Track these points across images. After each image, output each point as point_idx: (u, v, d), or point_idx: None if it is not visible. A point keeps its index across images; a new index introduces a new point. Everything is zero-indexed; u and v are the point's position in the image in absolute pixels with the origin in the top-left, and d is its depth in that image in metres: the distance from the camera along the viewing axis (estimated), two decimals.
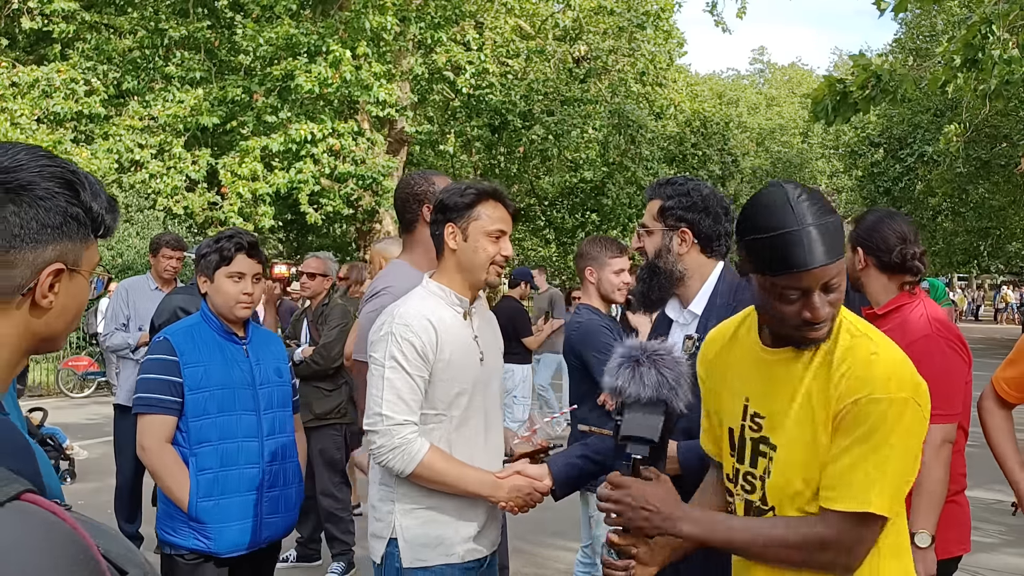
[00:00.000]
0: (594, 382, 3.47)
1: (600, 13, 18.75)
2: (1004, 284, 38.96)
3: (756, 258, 1.64)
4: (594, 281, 3.66)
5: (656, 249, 2.39)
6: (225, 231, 3.03)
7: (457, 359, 2.42)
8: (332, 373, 5.28)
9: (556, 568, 5.50)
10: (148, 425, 2.84)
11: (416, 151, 18.84)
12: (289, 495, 3.04)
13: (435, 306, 2.45)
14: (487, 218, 2.44)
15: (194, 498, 2.81)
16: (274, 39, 14.07)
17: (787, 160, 35.49)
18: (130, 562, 0.93)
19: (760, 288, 1.68)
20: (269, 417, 2.98)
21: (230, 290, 2.91)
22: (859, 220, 2.90)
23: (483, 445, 2.50)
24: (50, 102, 14.06)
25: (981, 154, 22.98)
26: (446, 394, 2.41)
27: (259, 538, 2.94)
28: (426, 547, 2.41)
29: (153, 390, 2.84)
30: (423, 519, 2.42)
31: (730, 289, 2.37)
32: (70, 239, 1.14)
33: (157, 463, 2.83)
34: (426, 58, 16.15)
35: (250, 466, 2.91)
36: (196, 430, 2.83)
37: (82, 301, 1.22)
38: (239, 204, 14.35)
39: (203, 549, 2.84)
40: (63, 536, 0.85)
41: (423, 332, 2.38)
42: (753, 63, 57.68)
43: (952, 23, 19.15)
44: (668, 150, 22.64)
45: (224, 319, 2.96)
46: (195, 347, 2.89)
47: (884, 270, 2.78)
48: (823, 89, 7.22)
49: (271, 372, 3.03)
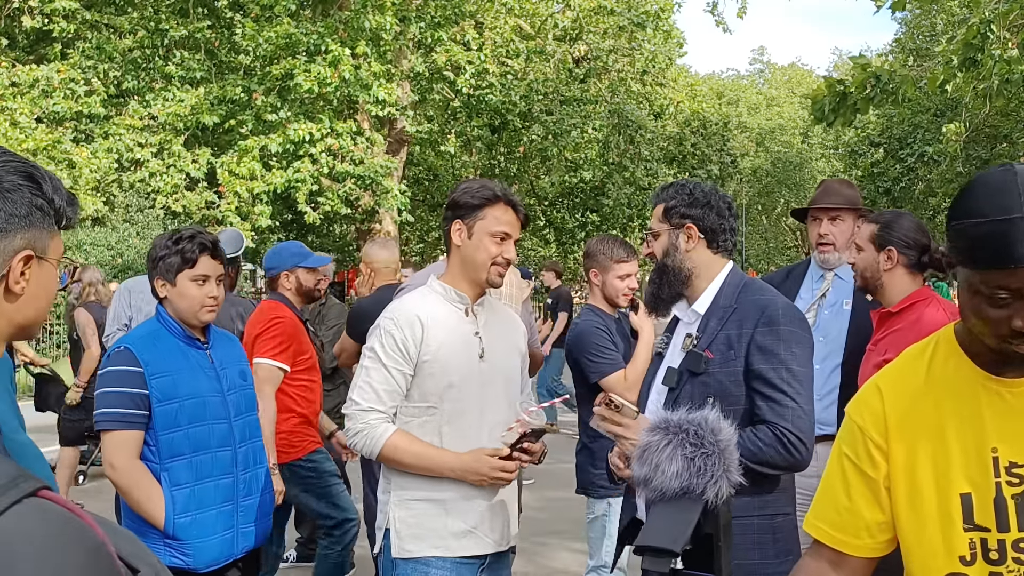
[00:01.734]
0: (590, 385, 3.47)
1: (600, 13, 18.76)
2: None
3: (964, 247, 1.38)
4: (599, 283, 3.66)
5: (664, 249, 2.41)
6: (183, 230, 2.83)
7: (447, 353, 2.46)
8: (330, 373, 5.27)
9: (556, 568, 5.49)
10: (115, 441, 2.65)
11: (416, 151, 18.86)
12: (264, 501, 2.94)
13: (431, 302, 2.52)
14: (493, 219, 2.49)
15: (170, 515, 2.65)
16: (273, 39, 14.09)
17: (787, 160, 35.49)
18: (141, 560, 0.93)
19: (965, 285, 1.40)
20: (240, 423, 2.85)
21: (195, 294, 2.74)
22: (885, 221, 2.89)
23: (482, 441, 2.49)
24: (50, 102, 14.07)
25: (981, 154, 22.98)
26: (436, 387, 2.46)
27: (235, 549, 2.82)
28: (416, 538, 2.45)
29: (118, 404, 2.65)
30: (416, 511, 2.46)
31: (734, 290, 2.37)
32: (36, 228, 1.20)
33: (129, 481, 2.65)
34: (426, 58, 16.15)
35: (224, 476, 2.78)
36: (167, 443, 2.67)
37: (51, 289, 1.27)
38: (236, 203, 14.36)
39: (181, 566, 2.69)
40: (80, 532, 0.86)
41: (407, 326, 2.45)
42: (753, 63, 57.76)
43: (952, 23, 19.16)
44: (668, 150, 22.66)
45: (185, 324, 2.79)
46: (159, 356, 2.70)
47: (913, 269, 2.79)
48: (822, 90, 7.21)
49: (236, 376, 2.89)
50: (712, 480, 1.68)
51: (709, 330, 2.33)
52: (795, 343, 2.25)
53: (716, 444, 1.78)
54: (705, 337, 2.32)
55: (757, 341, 2.24)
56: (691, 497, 1.64)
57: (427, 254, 24.25)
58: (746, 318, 2.28)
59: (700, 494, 1.66)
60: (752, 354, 2.24)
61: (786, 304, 2.34)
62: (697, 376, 2.28)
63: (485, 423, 2.53)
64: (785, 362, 2.21)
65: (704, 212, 2.40)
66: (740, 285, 2.38)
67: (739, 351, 2.25)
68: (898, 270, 2.81)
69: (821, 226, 3.44)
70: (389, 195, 15.00)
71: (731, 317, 2.31)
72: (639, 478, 1.79)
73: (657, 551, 1.61)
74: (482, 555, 2.52)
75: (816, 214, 3.48)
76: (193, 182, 14.98)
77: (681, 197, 2.41)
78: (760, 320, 2.26)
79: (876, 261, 2.84)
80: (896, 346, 2.66)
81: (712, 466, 1.71)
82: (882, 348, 2.78)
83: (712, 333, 2.32)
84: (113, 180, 14.46)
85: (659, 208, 2.46)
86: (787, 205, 36.56)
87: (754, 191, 36.86)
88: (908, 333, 2.67)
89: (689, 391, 2.28)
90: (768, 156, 36.03)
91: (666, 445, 1.79)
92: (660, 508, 1.66)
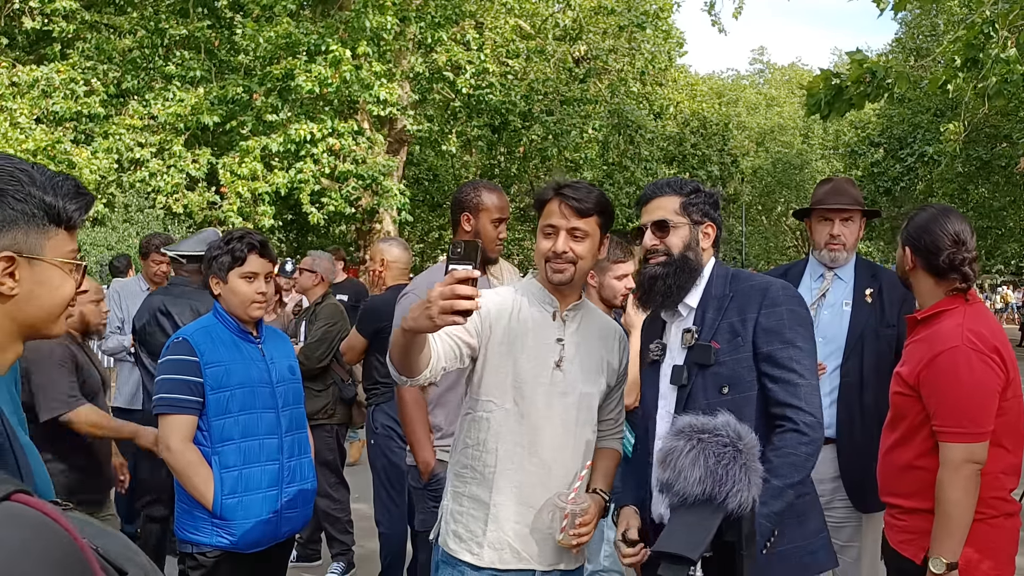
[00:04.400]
0: None
1: (600, 13, 18.74)
2: (1004, 284, 38.94)
3: None
4: (595, 284, 3.64)
5: (685, 243, 2.37)
6: (234, 231, 3.05)
7: (519, 351, 2.35)
8: (319, 373, 5.26)
9: None
10: (171, 425, 2.85)
11: (416, 151, 18.83)
12: (306, 489, 3.10)
13: (521, 296, 2.44)
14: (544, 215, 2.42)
15: (219, 496, 2.83)
16: (274, 39, 14.06)
17: (787, 160, 35.45)
18: (130, 561, 0.92)
19: None
20: (287, 414, 3.04)
21: (244, 291, 2.95)
22: (911, 217, 2.71)
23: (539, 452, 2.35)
24: (49, 102, 14.06)
25: (981, 154, 22.97)
26: (500, 383, 2.34)
27: (279, 532, 3.00)
28: (457, 537, 2.37)
29: (174, 390, 2.85)
30: (464, 509, 2.37)
31: (725, 280, 2.38)
32: (21, 229, 1.20)
33: (182, 462, 2.84)
34: (426, 58, 16.13)
35: (271, 463, 2.97)
36: (218, 429, 2.86)
37: (56, 289, 1.26)
38: (238, 204, 14.35)
39: (226, 546, 2.86)
40: (52, 537, 0.84)
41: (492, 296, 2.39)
42: (753, 63, 57.73)
43: (952, 23, 19.14)
44: (667, 150, 22.64)
45: (238, 319, 2.98)
46: (214, 347, 2.90)
47: (932, 272, 2.60)
48: (818, 82, 7.16)
49: (285, 370, 3.09)
50: (735, 489, 1.66)
51: (708, 321, 2.33)
52: (798, 322, 2.28)
53: (739, 453, 1.75)
54: (706, 329, 2.32)
55: (763, 324, 2.26)
56: (713, 505, 1.60)
57: (427, 254, 24.23)
58: (747, 303, 2.30)
59: (722, 502, 1.62)
60: (759, 336, 2.26)
61: (784, 284, 2.37)
62: (707, 368, 2.28)
63: (548, 434, 2.36)
64: (792, 341, 2.25)
65: (718, 215, 2.44)
66: (729, 275, 2.40)
67: (746, 336, 2.27)
68: (918, 272, 2.65)
69: (834, 227, 3.39)
70: (389, 195, 14.98)
71: (730, 305, 2.32)
72: (661, 482, 1.78)
73: (674, 558, 1.57)
74: (515, 569, 2.36)
75: (828, 214, 3.42)
76: (193, 182, 14.96)
77: (698, 195, 2.41)
78: (763, 303, 2.28)
79: (902, 259, 2.69)
80: (911, 359, 2.59)
81: (735, 475, 1.68)
82: (903, 358, 2.67)
83: (712, 323, 2.32)
84: (113, 180, 14.43)
85: (674, 200, 2.40)
86: (787, 205, 36.53)
87: (755, 191, 36.82)
88: (922, 345, 2.57)
89: (701, 384, 2.28)
90: (768, 156, 35.98)
91: (689, 451, 1.78)
92: (680, 514, 1.62)
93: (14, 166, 1.21)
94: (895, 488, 2.64)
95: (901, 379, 2.61)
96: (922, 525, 2.51)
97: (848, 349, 3.28)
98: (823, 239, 3.42)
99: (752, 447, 1.86)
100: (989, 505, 2.47)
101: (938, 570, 2.40)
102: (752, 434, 1.94)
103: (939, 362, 2.48)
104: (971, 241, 2.60)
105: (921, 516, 2.52)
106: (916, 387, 2.53)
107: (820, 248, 3.44)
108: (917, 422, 2.55)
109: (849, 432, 3.23)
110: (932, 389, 2.48)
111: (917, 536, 2.53)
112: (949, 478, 2.40)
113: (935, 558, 2.41)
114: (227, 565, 2.89)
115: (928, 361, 2.50)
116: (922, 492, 2.51)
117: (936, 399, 2.47)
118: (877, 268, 3.50)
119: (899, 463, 2.61)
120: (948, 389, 2.45)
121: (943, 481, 2.42)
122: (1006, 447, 2.50)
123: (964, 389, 2.43)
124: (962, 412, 2.43)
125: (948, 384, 2.45)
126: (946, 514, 2.41)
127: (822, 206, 3.43)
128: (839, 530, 3.28)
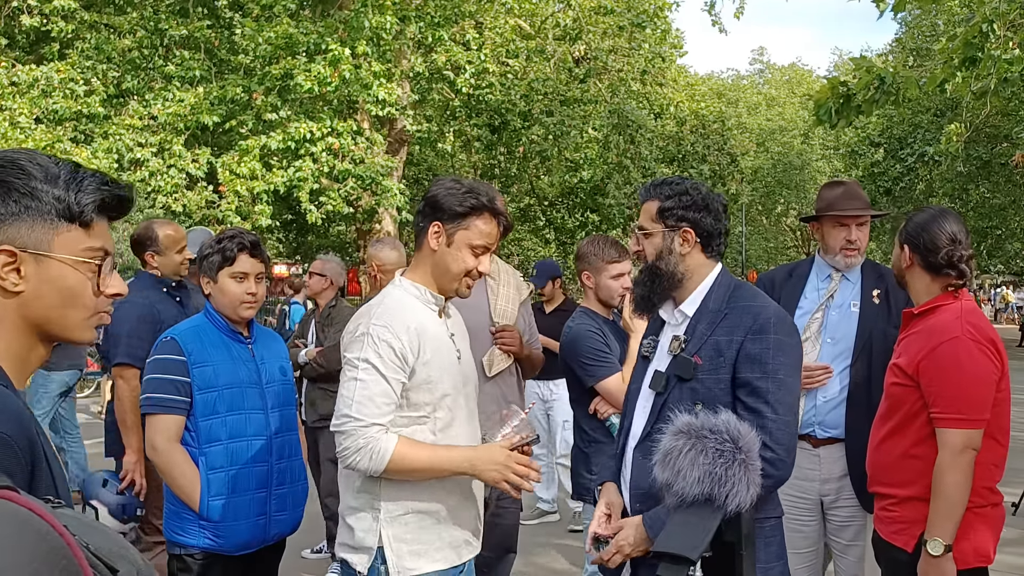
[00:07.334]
0: (585, 389, 3.45)
1: (600, 13, 18.74)
2: (1004, 284, 38.94)
3: None
4: (592, 285, 3.63)
5: (657, 251, 2.34)
6: (226, 231, 3.03)
7: (438, 360, 2.36)
8: (337, 374, 5.23)
9: (556, 568, 5.48)
10: (158, 425, 2.83)
11: (416, 151, 18.83)
12: (296, 492, 3.06)
13: (412, 307, 2.39)
14: (476, 232, 2.36)
15: (205, 497, 2.80)
16: (273, 38, 14.06)
17: (787, 160, 35.44)
18: (122, 559, 0.91)
19: None
20: (276, 415, 3.00)
21: (234, 290, 2.92)
22: (910, 217, 2.81)
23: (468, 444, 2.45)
24: (49, 101, 14.05)
25: (981, 154, 22.97)
26: (431, 396, 2.34)
27: (267, 535, 2.95)
28: (416, 555, 2.34)
29: (161, 390, 2.83)
30: (412, 526, 2.34)
31: (725, 293, 2.32)
32: (24, 224, 1.17)
33: (168, 462, 2.82)
34: (426, 58, 16.13)
35: (259, 464, 2.92)
36: (206, 429, 2.83)
37: (68, 287, 1.22)
38: (237, 203, 14.34)
39: (213, 548, 2.83)
40: (37, 534, 0.83)
41: (404, 334, 2.29)
42: (753, 63, 57.67)
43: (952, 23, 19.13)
44: (667, 150, 22.62)
45: (228, 319, 2.96)
46: (202, 347, 2.88)
47: (929, 270, 2.69)
48: (825, 92, 7.16)
49: (275, 371, 3.05)
50: (735, 489, 1.65)
51: (698, 334, 2.28)
52: (784, 352, 2.21)
53: (738, 452, 1.74)
54: (694, 341, 2.28)
55: (747, 349, 2.19)
56: (712, 505, 1.60)
57: None
58: (737, 325, 2.24)
59: (722, 502, 1.61)
60: (741, 362, 2.19)
61: (778, 311, 2.30)
62: (685, 382, 2.24)
63: (469, 429, 2.46)
64: (773, 372, 2.17)
65: (702, 216, 2.33)
66: (730, 288, 2.33)
67: (728, 358, 2.21)
68: (915, 269, 2.73)
69: (851, 232, 3.36)
70: (389, 195, 14.98)
71: (721, 323, 2.27)
72: (660, 482, 1.76)
73: (674, 558, 1.57)
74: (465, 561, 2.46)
75: (844, 220, 3.38)
76: (193, 181, 14.96)
77: (679, 198, 2.33)
78: (752, 328, 2.21)
79: (900, 257, 2.78)
80: (908, 350, 2.65)
81: (734, 475, 1.67)
82: (898, 351, 2.74)
83: (701, 338, 2.27)
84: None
85: (652, 205, 2.36)
86: (787, 205, 36.53)
87: (755, 192, 36.80)
88: (918, 338, 2.64)
89: (677, 396, 2.24)
90: (768, 156, 35.98)
91: (689, 450, 1.76)
92: (679, 514, 1.62)
93: (28, 159, 1.18)
94: (888, 478, 2.69)
95: (899, 370, 2.66)
96: (914, 514, 2.57)
97: (857, 350, 3.28)
98: (838, 244, 3.37)
99: (752, 446, 1.85)
100: (979, 495, 2.54)
101: (936, 552, 2.44)
102: (753, 432, 1.92)
103: (941, 351, 2.54)
104: (967, 240, 2.70)
105: (914, 505, 2.58)
106: (915, 376, 2.58)
107: (835, 253, 3.39)
108: (913, 412, 2.60)
109: (857, 432, 3.22)
110: (932, 377, 2.54)
111: (908, 525, 2.60)
112: (950, 462, 2.45)
113: (933, 540, 2.46)
114: (215, 567, 2.85)
115: (929, 351, 2.56)
116: (917, 480, 2.56)
117: (936, 387, 2.53)
118: (883, 269, 3.47)
119: (894, 453, 2.66)
120: (950, 377, 2.51)
121: (943, 465, 2.47)
122: (997, 439, 2.58)
123: (966, 377, 2.49)
124: (963, 399, 2.49)
125: (950, 372, 2.51)
126: (946, 497, 2.46)
127: (839, 212, 3.38)
128: (843, 529, 3.30)
